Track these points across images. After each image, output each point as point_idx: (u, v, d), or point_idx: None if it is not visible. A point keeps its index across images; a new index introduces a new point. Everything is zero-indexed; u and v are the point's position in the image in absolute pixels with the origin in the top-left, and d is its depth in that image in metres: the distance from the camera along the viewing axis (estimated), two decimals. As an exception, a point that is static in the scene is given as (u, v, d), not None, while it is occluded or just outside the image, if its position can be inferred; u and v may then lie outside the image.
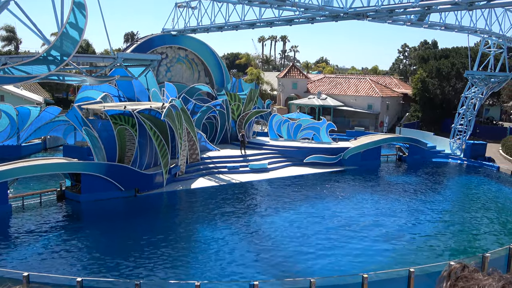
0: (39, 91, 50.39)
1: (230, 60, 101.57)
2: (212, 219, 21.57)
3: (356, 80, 57.77)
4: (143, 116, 24.53)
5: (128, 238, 19.41)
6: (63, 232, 19.62)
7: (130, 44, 44.05)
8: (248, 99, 35.92)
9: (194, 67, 39.42)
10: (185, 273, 15.86)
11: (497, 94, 49.54)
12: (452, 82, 51.58)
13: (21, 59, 17.71)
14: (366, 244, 18.80)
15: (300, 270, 16.25)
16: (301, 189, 27.71)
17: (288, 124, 36.62)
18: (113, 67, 21.93)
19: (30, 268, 14.91)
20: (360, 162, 33.79)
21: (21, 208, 22.13)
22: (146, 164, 25.49)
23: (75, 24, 17.10)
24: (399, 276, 13.22)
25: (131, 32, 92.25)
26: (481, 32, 32.60)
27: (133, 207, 23.40)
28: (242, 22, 31.61)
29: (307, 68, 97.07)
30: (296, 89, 59.98)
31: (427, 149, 38.15)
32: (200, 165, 29.98)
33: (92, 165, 23.55)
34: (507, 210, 25.00)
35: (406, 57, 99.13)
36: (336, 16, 27.58)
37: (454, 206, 25.84)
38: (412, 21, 28.34)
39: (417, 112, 54.05)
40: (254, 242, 18.81)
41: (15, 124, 32.07)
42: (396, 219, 22.37)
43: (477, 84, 36.11)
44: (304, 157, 33.15)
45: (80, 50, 46.37)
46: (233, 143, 35.38)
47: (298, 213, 22.86)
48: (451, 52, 56.75)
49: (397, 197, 26.67)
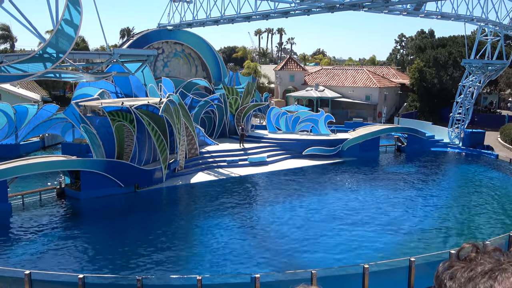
0: (36, 89, 50.24)
1: (226, 54, 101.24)
2: (212, 213, 21.60)
3: (353, 71, 57.67)
4: (141, 112, 24.49)
5: (128, 234, 19.45)
6: (64, 230, 19.64)
7: (126, 40, 43.91)
8: (246, 92, 35.87)
9: (191, 62, 39.34)
10: (186, 267, 15.91)
11: (494, 82, 49.53)
12: (449, 71, 51.55)
13: (17, 57, 17.67)
14: (366, 234, 18.85)
15: (301, 261, 16.31)
16: (301, 181, 27.74)
17: (286, 116, 36.60)
18: (109, 63, 21.88)
19: (32, 266, 14.94)
20: (359, 153, 33.81)
21: (21, 206, 22.14)
22: (145, 160, 25.48)
23: (70, 21, 17.03)
24: (400, 266, 13.29)
25: (127, 27, 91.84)
26: (478, 20, 32.55)
27: (133, 203, 23.43)
28: (238, 15, 31.51)
29: (304, 60, 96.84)
30: (293, 81, 59.87)
31: (426, 138, 38.18)
32: (199, 159, 29.98)
33: (91, 162, 23.53)
34: (507, 198, 25.05)
35: (403, 47, 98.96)
36: (332, 7, 27.49)
37: (454, 195, 25.91)
38: (408, 10, 28.28)
39: (415, 102, 54.05)
40: (255, 235, 18.85)
41: (13, 123, 31.99)
42: (396, 209, 22.43)
43: (474, 72, 36.08)
44: (303, 150, 33.15)
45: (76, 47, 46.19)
46: (232, 137, 35.37)
47: (298, 205, 22.90)
48: (448, 41, 56.68)
49: (396, 187, 26.72)
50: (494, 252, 1.27)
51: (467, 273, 1.22)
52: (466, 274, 1.22)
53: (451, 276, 1.26)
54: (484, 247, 1.30)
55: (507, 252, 1.26)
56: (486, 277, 1.19)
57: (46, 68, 17.08)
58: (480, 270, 1.21)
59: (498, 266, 1.19)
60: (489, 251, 1.28)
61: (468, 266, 1.24)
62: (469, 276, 1.21)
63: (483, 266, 1.22)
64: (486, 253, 1.27)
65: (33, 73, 17.26)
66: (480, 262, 1.24)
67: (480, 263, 1.23)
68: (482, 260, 1.25)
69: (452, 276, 1.25)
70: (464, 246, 1.32)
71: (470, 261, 1.26)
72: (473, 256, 1.27)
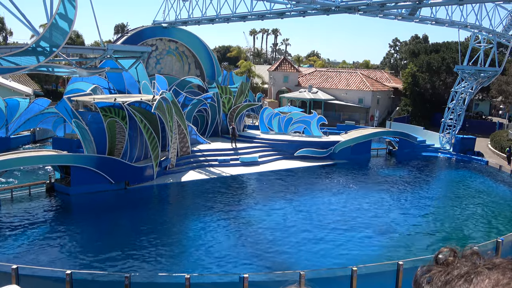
0: (28, 83, 49.90)
1: (221, 53, 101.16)
2: (202, 212, 21.57)
3: (347, 74, 57.85)
4: (134, 108, 24.41)
5: (117, 231, 19.38)
6: (52, 225, 19.53)
7: (121, 35, 43.71)
8: (239, 92, 35.86)
9: (184, 60, 39.26)
10: (175, 265, 15.87)
11: (486, 89, 49.93)
12: (442, 77, 51.88)
13: (10, 50, 17.54)
14: (355, 237, 18.91)
15: (290, 262, 16.33)
16: (291, 182, 27.77)
17: (279, 117, 36.63)
18: (103, 59, 21.83)
19: (19, 261, 14.83)
20: (351, 156, 33.91)
21: (9, 200, 21.97)
22: (136, 157, 25.39)
23: (64, 15, 16.95)
24: (388, 269, 13.34)
25: (122, 23, 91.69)
26: (472, 27, 32.77)
27: (123, 200, 23.33)
28: (233, 14, 31.52)
29: (299, 61, 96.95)
30: (287, 82, 59.96)
31: (417, 143, 38.38)
32: (191, 158, 29.92)
33: (81, 158, 23.40)
34: (495, 204, 25.23)
35: (397, 51, 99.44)
36: (327, 10, 27.57)
37: (443, 200, 26.06)
38: (403, 15, 28.42)
39: (408, 106, 54.33)
40: (244, 235, 18.85)
41: (3, 116, 31.75)
42: (385, 212, 22.52)
43: (467, 78, 36.34)
44: (295, 151, 33.21)
45: (70, 41, 45.92)
46: (224, 136, 35.34)
47: (288, 206, 22.93)
48: (441, 46, 57.04)
49: (386, 190, 26.83)
50: (472, 256, 1.28)
51: (443, 277, 1.24)
52: (443, 277, 1.24)
53: (428, 280, 1.27)
54: (462, 251, 1.32)
55: (484, 256, 1.28)
56: (462, 280, 1.20)
57: (39, 61, 16.98)
58: (456, 274, 1.23)
59: (473, 269, 1.21)
60: (467, 255, 1.29)
61: (445, 270, 1.26)
62: (446, 280, 1.23)
63: (459, 270, 1.23)
64: (463, 257, 1.29)
65: (25, 66, 17.16)
66: (457, 266, 1.26)
67: (457, 266, 1.25)
68: (459, 263, 1.26)
69: (429, 280, 1.27)
70: (442, 250, 1.34)
71: (447, 265, 1.28)
72: (450, 260, 1.29)
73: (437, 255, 1.33)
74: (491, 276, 1.18)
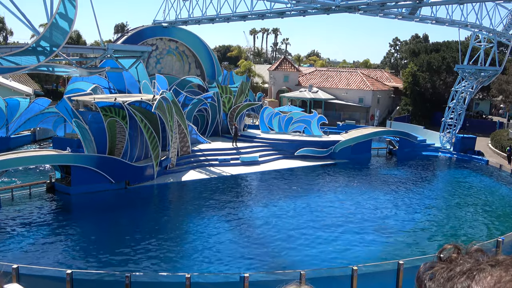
0: (29, 83, 49.88)
1: (221, 52, 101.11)
2: (203, 212, 21.58)
3: (347, 74, 57.84)
4: (134, 108, 24.40)
5: (118, 231, 19.38)
6: (53, 225, 19.53)
7: (121, 35, 43.69)
8: (240, 91, 35.86)
9: (185, 59, 39.23)
10: (175, 265, 15.88)
11: (487, 89, 49.92)
12: (442, 76, 51.86)
13: (10, 49, 17.53)
14: (356, 236, 18.91)
15: (290, 262, 16.33)
16: (292, 182, 27.78)
17: (279, 117, 36.63)
18: (103, 59, 21.82)
19: (20, 260, 14.82)
20: (351, 156, 33.91)
21: (10, 200, 21.97)
22: (136, 157, 25.39)
23: (64, 14, 16.94)
24: (389, 268, 13.33)
25: (122, 23, 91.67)
26: (472, 26, 32.75)
27: (124, 199, 23.33)
28: (233, 14, 31.49)
29: (299, 61, 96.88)
30: (287, 82, 59.93)
31: (417, 142, 38.37)
32: (191, 157, 29.92)
33: (82, 157, 23.40)
34: (496, 204, 25.24)
35: (397, 50, 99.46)
36: (327, 9, 27.55)
37: (444, 200, 26.06)
38: (404, 14, 28.40)
39: (408, 106, 54.31)
40: (244, 234, 18.85)
41: (4, 116, 31.75)
42: (385, 212, 22.52)
43: (467, 78, 36.33)
44: (295, 150, 33.20)
45: (70, 41, 45.88)
46: (224, 136, 35.34)
47: (289, 205, 22.93)
48: (442, 46, 57.01)
49: (386, 190, 26.83)
50: (475, 253, 1.28)
51: (446, 273, 1.24)
52: (446, 274, 1.24)
53: (431, 276, 1.27)
54: (465, 248, 1.32)
55: (488, 253, 1.28)
56: (464, 276, 1.20)
57: (39, 61, 16.98)
58: (459, 270, 1.22)
59: (476, 266, 1.21)
60: (471, 252, 1.29)
61: (448, 267, 1.26)
62: (448, 276, 1.23)
63: (462, 266, 1.23)
64: (467, 254, 1.29)
65: (26, 66, 17.16)
66: (460, 262, 1.25)
67: (460, 263, 1.25)
68: (462, 260, 1.26)
69: (432, 277, 1.26)
70: (445, 247, 1.33)
71: (450, 261, 1.27)
72: (454, 257, 1.28)
73: (440, 252, 1.32)
74: (494, 273, 1.17)
